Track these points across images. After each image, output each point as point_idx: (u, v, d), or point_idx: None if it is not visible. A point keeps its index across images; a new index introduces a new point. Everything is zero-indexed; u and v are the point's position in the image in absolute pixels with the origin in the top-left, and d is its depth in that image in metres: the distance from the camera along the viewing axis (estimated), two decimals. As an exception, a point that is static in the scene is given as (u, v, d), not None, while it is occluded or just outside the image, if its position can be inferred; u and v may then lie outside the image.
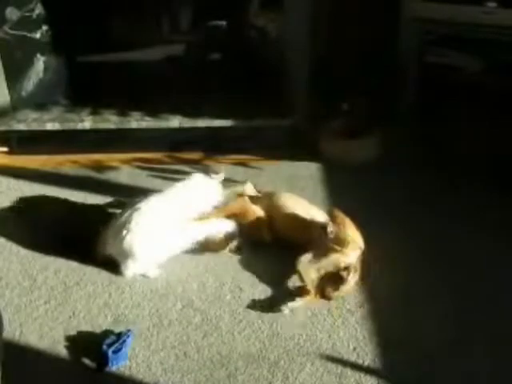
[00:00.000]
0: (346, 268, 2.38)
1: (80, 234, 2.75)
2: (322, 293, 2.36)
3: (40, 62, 3.82)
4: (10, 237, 2.82)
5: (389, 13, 3.53)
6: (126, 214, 2.56)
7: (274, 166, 3.42)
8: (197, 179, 2.84)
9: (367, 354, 2.10)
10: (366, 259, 2.47)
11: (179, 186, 2.79)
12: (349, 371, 2.03)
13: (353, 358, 2.09)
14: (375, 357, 2.09)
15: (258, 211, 2.73)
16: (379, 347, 2.13)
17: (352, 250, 2.43)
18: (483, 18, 3.21)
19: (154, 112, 3.63)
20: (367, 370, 2.03)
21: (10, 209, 3.07)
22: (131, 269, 2.52)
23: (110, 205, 3.01)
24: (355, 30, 3.50)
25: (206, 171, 2.85)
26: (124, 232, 2.49)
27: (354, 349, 2.13)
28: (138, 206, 2.58)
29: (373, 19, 3.54)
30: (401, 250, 2.63)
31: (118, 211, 2.70)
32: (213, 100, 3.75)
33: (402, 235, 2.73)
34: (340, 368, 2.05)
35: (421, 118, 3.55)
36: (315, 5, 3.39)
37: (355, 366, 2.05)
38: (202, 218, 2.68)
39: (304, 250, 2.46)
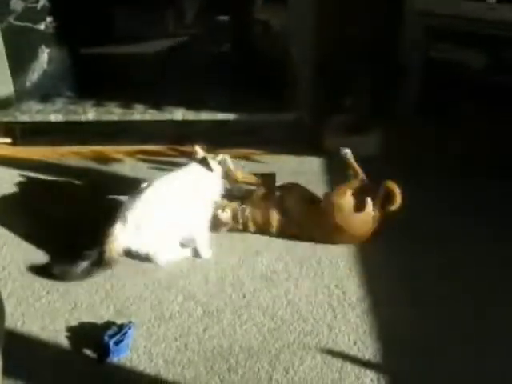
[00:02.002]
0: None
1: (83, 225, 2.78)
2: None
3: (44, 54, 3.82)
4: (13, 228, 2.83)
5: (392, 8, 3.52)
6: (134, 207, 2.51)
7: (277, 161, 3.42)
8: (197, 168, 2.77)
9: (367, 349, 2.11)
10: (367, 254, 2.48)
11: (181, 172, 2.75)
12: (349, 365, 2.04)
13: (353, 352, 2.10)
14: (375, 351, 2.10)
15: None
16: (379, 341, 2.13)
17: None
18: (488, 13, 3.20)
19: (157, 105, 3.63)
20: (367, 364, 2.04)
21: (13, 200, 3.08)
22: (161, 257, 2.55)
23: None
24: (359, 25, 3.49)
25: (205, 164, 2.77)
26: (138, 226, 2.48)
27: (355, 343, 2.13)
28: (143, 194, 2.55)
29: (376, 14, 3.54)
30: (401, 246, 2.64)
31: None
32: (216, 94, 3.75)
33: (402, 231, 2.74)
34: (340, 362, 2.06)
35: (424, 113, 3.55)
36: (319, 2, 3.39)
37: (355, 360, 2.06)
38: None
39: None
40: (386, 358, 2.07)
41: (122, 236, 2.47)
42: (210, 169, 2.70)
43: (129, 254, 2.52)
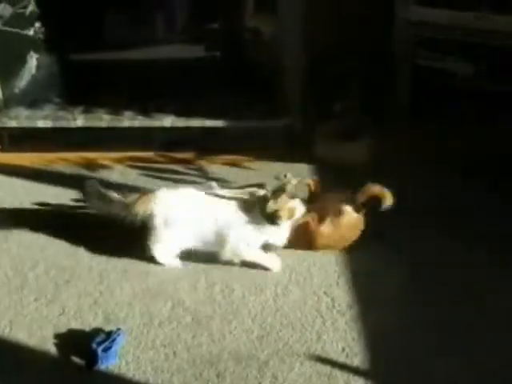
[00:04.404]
0: None
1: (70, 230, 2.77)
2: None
3: (33, 60, 3.81)
4: (1, 234, 2.81)
5: (383, 16, 3.55)
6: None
7: (267, 167, 3.42)
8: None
9: (356, 355, 2.11)
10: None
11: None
12: (338, 372, 2.04)
13: (342, 358, 2.10)
14: (364, 358, 2.10)
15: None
16: (368, 348, 2.14)
17: None
18: (475, 23, 3.23)
19: (146, 111, 3.63)
20: (356, 371, 2.04)
21: (0, 206, 3.07)
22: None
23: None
24: (349, 32, 3.51)
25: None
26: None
27: (343, 350, 2.14)
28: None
29: (366, 22, 3.56)
30: (392, 251, 2.64)
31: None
32: (206, 100, 3.75)
33: (395, 234, 2.75)
34: (329, 369, 2.05)
35: (414, 120, 3.57)
36: (309, 7, 3.40)
37: (344, 367, 2.06)
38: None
39: None
40: (375, 364, 2.08)
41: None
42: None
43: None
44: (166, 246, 2.56)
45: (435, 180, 3.26)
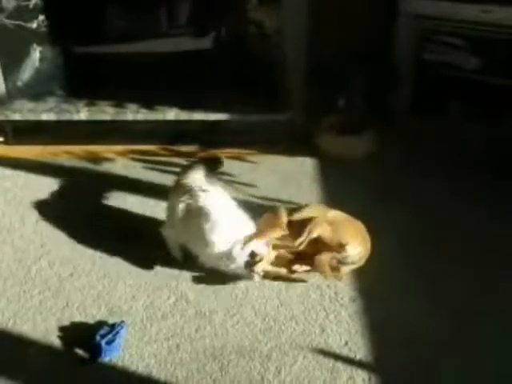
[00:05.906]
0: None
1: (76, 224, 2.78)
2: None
3: (36, 52, 3.80)
4: (4, 227, 2.82)
5: (386, 9, 3.54)
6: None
7: (270, 161, 3.42)
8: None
9: (359, 349, 2.12)
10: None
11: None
12: (341, 365, 2.05)
13: (345, 352, 2.11)
14: (367, 351, 2.11)
15: None
16: (371, 342, 2.14)
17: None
18: (481, 16, 3.22)
19: (150, 104, 3.63)
20: (359, 364, 2.05)
21: (4, 199, 3.07)
22: None
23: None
24: (352, 25, 3.50)
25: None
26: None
27: (346, 343, 2.14)
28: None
29: (370, 15, 3.55)
30: (395, 245, 2.64)
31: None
32: (210, 93, 3.74)
33: (397, 230, 2.75)
34: (332, 362, 2.07)
35: (417, 114, 3.56)
36: (313, 1, 3.39)
37: (347, 360, 2.07)
38: None
39: None
40: (378, 357, 2.08)
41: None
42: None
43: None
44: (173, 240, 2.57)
45: (436, 175, 3.26)
